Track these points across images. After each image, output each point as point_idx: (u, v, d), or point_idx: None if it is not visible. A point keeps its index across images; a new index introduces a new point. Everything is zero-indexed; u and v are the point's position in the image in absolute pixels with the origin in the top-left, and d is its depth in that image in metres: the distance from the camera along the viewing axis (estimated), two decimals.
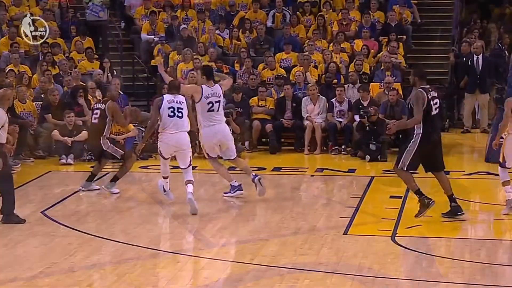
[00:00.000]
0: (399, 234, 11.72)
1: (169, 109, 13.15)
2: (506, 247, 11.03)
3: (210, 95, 13.54)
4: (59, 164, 16.81)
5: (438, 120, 12.42)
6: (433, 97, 12.15)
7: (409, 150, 12.18)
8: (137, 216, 13.14)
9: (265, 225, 12.21)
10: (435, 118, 12.19)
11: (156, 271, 10.29)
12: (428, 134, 12.08)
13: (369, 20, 21.39)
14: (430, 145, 12.22)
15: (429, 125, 12.06)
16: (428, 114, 12.02)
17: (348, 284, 9.62)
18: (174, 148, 13.31)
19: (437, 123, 12.36)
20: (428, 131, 12.07)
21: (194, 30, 21.59)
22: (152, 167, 16.31)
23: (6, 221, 12.16)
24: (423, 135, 12.07)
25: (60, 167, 16.65)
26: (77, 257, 10.67)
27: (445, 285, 9.57)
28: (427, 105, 11.99)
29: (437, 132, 12.40)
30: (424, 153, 12.21)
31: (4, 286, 9.50)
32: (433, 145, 12.27)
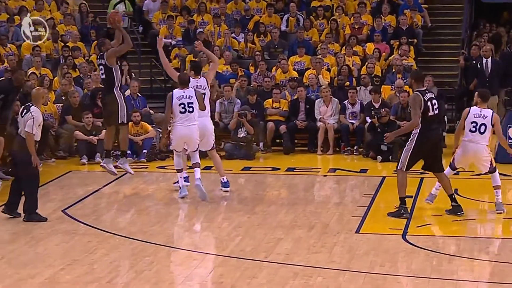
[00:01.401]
0: (410, 232, 11.71)
1: (180, 106, 13.42)
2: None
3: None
4: (80, 164, 16.87)
5: (437, 120, 12.40)
6: (430, 98, 12.22)
7: (407, 149, 12.30)
8: (154, 215, 13.17)
9: (279, 223, 12.21)
10: (432, 119, 12.22)
11: (173, 269, 10.34)
12: (425, 133, 12.14)
13: (380, 24, 21.37)
14: (428, 144, 12.27)
15: (426, 125, 12.12)
16: (425, 114, 12.10)
17: (360, 281, 9.62)
18: (185, 139, 13.55)
19: (435, 123, 12.34)
20: (425, 131, 12.13)
21: (210, 34, 21.63)
22: (170, 167, 16.32)
23: (29, 219, 12.21)
24: (420, 134, 12.16)
25: (80, 167, 16.70)
26: (97, 254, 10.71)
27: (455, 282, 9.57)
28: (424, 106, 12.06)
29: (436, 132, 12.41)
30: (423, 152, 12.28)
31: (27, 282, 9.56)
32: (432, 145, 12.32)
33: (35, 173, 12.28)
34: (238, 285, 9.46)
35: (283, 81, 19.64)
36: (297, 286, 9.36)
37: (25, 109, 12.24)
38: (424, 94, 12.19)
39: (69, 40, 20.83)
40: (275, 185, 15.80)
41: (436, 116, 12.32)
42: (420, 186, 14.49)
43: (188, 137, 13.54)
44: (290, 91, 18.98)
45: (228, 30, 21.57)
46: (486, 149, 12.58)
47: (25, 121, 12.09)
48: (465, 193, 14.01)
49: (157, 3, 22.58)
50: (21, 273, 9.86)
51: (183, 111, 13.40)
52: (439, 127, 12.49)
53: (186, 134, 13.50)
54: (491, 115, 12.53)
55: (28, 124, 12.03)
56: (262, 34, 21.57)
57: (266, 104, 18.55)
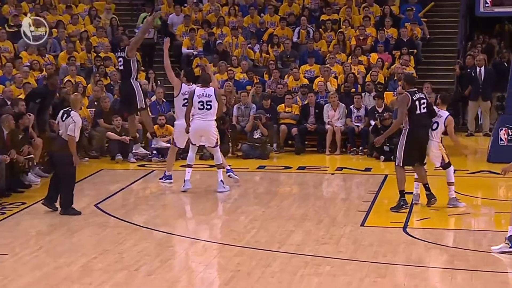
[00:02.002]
0: (410, 226, 11.69)
1: (199, 103, 13.58)
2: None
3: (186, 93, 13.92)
4: (115, 161, 16.86)
5: (425, 119, 12.36)
6: (419, 98, 12.27)
7: (400, 145, 12.36)
8: (177, 209, 13.20)
9: (291, 217, 12.20)
10: (420, 118, 12.25)
11: (194, 258, 10.35)
12: (413, 130, 12.21)
13: (383, 36, 21.31)
14: (418, 140, 12.31)
15: (415, 123, 12.19)
16: (413, 112, 12.17)
17: (365, 270, 9.60)
18: (202, 132, 13.69)
19: (423, 121, 12.34)
20: (414, 128, 12.20)
21: (229, 45, 21.63)
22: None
23: (65, 213, 12.25)
24: (409, 130, 12.24)
25: (112, 166, 16.70)
26: (126, 245, 10.73)
27: (451, 271, 9.53)
28: (412, 105, 12.13)
29: (424, 129, 12.39)
30: (415, 148, 12.33)
31: (63, 270, 9.59)
32: (420, 141, 12.36)
33: (72, 172, 12.34)
34: (254, 272, 9.45)
35: (295, 88, 19.61)
36: (307, 274, 9.35)
37: (65, 114, 12.27)
38: (413, 94, 12.26)
39: (101, 51, 20.87)
40: (287, 182, 15.81)
41: (424, 116, 12.32)
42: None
43: (204, 130, 13.69)
44: (301, 96, 18.96)
45: (245, 42, 21.57)
46: (437, 146, 12.54)
47: (67, 125, 12.13)
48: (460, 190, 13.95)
49: (181, 17, 22.61)
50: (58, 262, 9.90)
51: (202, 108, 13.56)
52: (428, 125, 12.43)
53: (203, 126, 13.65)
54: (446, 116, 12.57)
55: (70, 128, 12.08)
56: (275, 45, 21.56)
57: (279, 109, 18.53)
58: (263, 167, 16.63)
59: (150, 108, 17.32)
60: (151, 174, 15.71)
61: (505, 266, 9.94)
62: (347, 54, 21.11)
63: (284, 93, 18.97)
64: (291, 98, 18.65)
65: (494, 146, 16.66)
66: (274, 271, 9.46)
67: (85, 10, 22.63)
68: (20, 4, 22.04)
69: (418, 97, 12.22)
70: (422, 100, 12.24)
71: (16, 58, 19.75)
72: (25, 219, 12.24)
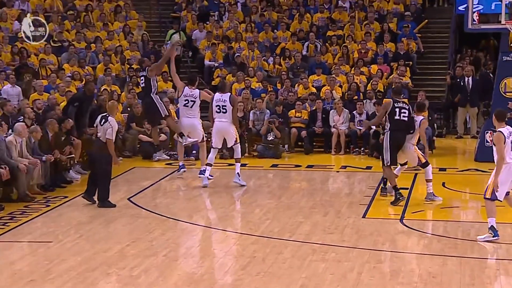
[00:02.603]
0: (406, 217, 11.66)
1: (216, 107, 13.91)
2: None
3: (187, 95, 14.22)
4: (152, 160, 16.86)
5: (402, 125, 12.42)
6: (400, 107, 12.49)
7: (385, 147, 12.48)
8: (200, 203, 13.22)
9: (300, 210, 12.20)
10: (398, 122, 12.40)
11: (215, 245, 10.37)
12: (393, 132, 12.40)
13: (382, 49, 21.25)
14: (395, 143, 12.43)
15: (394, 126, 12.41)
16: (392, 116, 12.41)
17: (366, 257, 9.59)
18: (221, 132, 13.94)
19: (400, 126, 12.42)
20: (393, 131, 12.40)
21: (246, 58, 21.63)
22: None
23: (102, 205, 12.30)
24: (390, 132, 12.44)
25: (143, 164, 16.73)
26: (155, 234, 10.76)
27: (442, 258, 9.51)
28: (392, 110, 12.40)
29: (402, 134, 12.45)
30: (395, 150, 12.42)
31: (100, 255, 9.63)
32: (397, 143, 12.44)
33: (108, 170, 12.39)
34: (268, 258, 9.47)
35: (304, 95, 19.58)
36: (315, 260, 9.36)
37: (103, 119, 12.31)
38: (396, 102, 12.54)
39: (133, 63, 20.91)
40: (297, 179, 15.80)
41: (402, 122, 12.40)
42: (414, 180, 14.40)
43: (223, 130, 13.92)
44: (310, 103, 18.93)
45: (260, 55, 21.56)
46: (412, 148, 12.55)
47: (105, 129, 12.17)
48: (451, 186, 13.95)
49: (203, 33, 22.63)
50: (95, 248, 9.95)
51: (218, 111, 13.89)
52: (406, 132, 12.44)
53: (221, 127, 13.92)
54: (420, 120, 12.60)
55: (108, 132, 12.13)
56: (287, 58, 21.54)
57: (290, 114, 18.52)
58: (276, 166, 16.64)
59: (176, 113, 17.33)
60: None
61: (489, 253, 9.92)
62: (350, 66, 21.07)
63: (295, 100, 18.95)
64: (301, 104, 18.64)
65: (480, 147, 16.60)
66: (285, 257, 9.47)
67: (120, 27, 22.69)
68: (63, 22, 22.12)
69: (399, 106, 12.46)
70: (403, 109, 12.43)
71: (59, 69, 19.83)
72: (67, 210, 12.31)
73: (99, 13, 22.96)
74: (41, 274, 8.92)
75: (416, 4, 23.25)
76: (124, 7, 23.44)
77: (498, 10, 16.34)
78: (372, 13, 22.61)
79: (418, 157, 12.63)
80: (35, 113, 15.30)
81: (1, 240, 10.48)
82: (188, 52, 22.76)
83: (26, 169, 12.83)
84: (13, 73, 18.99)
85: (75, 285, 8.56)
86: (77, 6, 23.16)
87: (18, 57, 20.18)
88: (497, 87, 16.71)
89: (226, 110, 13.80)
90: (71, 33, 21.91)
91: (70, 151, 14.59)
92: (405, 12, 22.76)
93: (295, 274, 8.83)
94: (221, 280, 8.80)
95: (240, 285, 8.49)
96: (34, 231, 11.04)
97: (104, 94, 18.11)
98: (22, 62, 20.03)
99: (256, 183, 14.71)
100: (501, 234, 10.32)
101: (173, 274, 8.94)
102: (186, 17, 23.41)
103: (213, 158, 14.17)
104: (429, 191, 12.64)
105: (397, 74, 20.19)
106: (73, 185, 14.23)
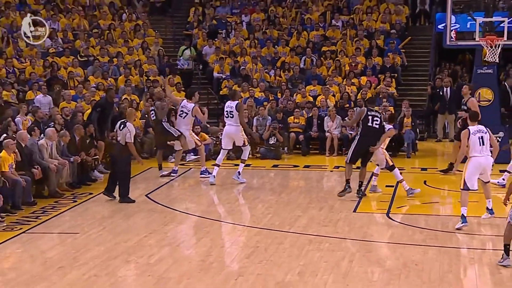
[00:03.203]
0: (392, 212, 11.66)
1: (225, 112, 14.18)
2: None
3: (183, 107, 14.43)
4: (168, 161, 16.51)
5: (373, 131, 12.38)
6: (373, 115, 12.46)
7: (351, 147, 12.59)
8: (210, 198, 13.22)
9: (298, 205, 12.20)
10: (370, 129, 12.36)
11: (223, 236, 10.39)
12: (363, 137, 12.40)
13: (371, 63, 21.23)
14: (364, 146, 12.41)
15: (365, 132, 12.39)
16: (364, 123, 12.39)
17: (356, 246, 9.60)
18: (230, 135, 14.10)
19: (371, 132, 12.38)
20: (364, 136, 12.41)
21: (250, 70, 21.62)
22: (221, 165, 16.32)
23: (123, 201, 12.31)
24: (360, 137, 12.46)
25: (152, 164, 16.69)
26: (169, 226, 10.78)
27: (424, 247, 9.50)
28: (365, 118, 12.37)
29: (371, 139, 12.39)
30: (360, 151, 12.45)
31: (121, 245, 9.64)
32: (366, 147, 12.42)
33: (128, 170, 12.40)
34: (270, 248, 9.47)
35: (302, 104, 19.57)
36: (311, 250, 9.36)
37: (122, 124, 12.33)
38: (370, 110, 12.51)
39: (150, 75, 20.92)
40: (295, 177, 15.79)
41: (373, 129, 12.37)
42: None
43: (231, 133, 14.09)
44: (307, 110, 18.91)
45: (262, 68, 21.55)
46: (381, 151, 12.55)
47: (124, 134, 12.20)
48: (431, 184, 13.94)
49: (213, 49, 22.62)
50: (117, 239, 9.96)
51: (227, 116, 14.15)
52: (375, 138, 12.39)
53: (229, 130, 14.11)
54: (388, 128, 12.59)
55: (127, 136, 12.16)
56: (286, 70, 21.52)
57: (289, 120, 18.51)
58: (277, 166, 16.63)
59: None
60: (189, 171, 15.74)
61: (465, 243, 9.91)
62: (342, 77, 21.05)
63: (293, 108, 18.95)
64: (299, 111, 18.63)
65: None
66: (285, 247, 9.47)
67: (139, 43, 22.70)
68: (89, 39, 22.15)
69: (372, 114, 12.43)
70: (375, 117, 12.41)
71: (85, 81, 19.82)
72: (92, 206, 12.32)
73: (121, 31, 22.97)
74: (69, 262, 8.93)
75: (400, 23, 23.23)
76: (142, 26, 23.44)
77: (473, 29, 16.38)
78: (362, 31, 22.59)
79: (386, 159, 12.63)
80: (64, 119, 15.32)
81: (34, 232, 10.50)
82: (199, 65, 22.77)
83: (56, 169, 12.86)
84: (44, 84, 19.02)
85: (99, 272, 8.57)
86: (101, 25, 23.17)
87: (49, 70, 20.20)
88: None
89: (233, 116, 13.95)
90: (96, 49, 21.92)
91: (95, 153, 14.61)
92: (391, 30, 22.73)
93: (293, 262, 8.83)
94: (228, 267, 8.80)
95: (245, 271, 8.49)
96: (63, 223, 11.06)
97: (125, 102, 18.11)
98: (53, 74, 20.04)
99: (259, 181, 14.71)
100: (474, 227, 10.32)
101: (185, 262, 8.95)
102: (197, 34, 23.41)
103: (222, 159, 14.21)
104: (406, 188, 12.61)
105: (384, 84, 20.16)
106: (97, 183, 14.23)
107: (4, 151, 11.79)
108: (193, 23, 24.09)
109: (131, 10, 24.29)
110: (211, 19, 24.09)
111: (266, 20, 23.83)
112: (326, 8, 23.90)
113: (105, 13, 23.65)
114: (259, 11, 24.28)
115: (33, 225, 10.85)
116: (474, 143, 10.25)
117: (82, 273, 8.49)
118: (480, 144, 10.25)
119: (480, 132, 10.32)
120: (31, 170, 12.39)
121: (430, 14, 23.86)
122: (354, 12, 23.63)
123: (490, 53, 15.76)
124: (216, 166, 14.07)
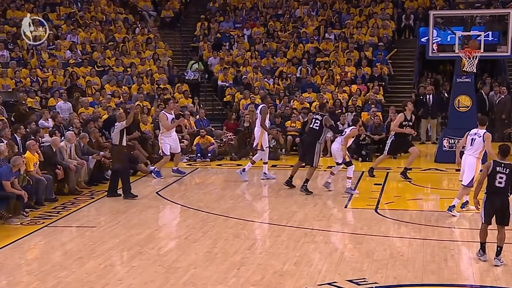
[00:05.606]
0: (380, 207, 11.65)
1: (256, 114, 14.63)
2: (447, 216, 10.90)
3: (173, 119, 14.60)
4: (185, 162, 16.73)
5: (313, 131, 12.78)
6: (314, 117, 12.94)
7: (317, 152, 12.81)
8: (215, 195, 13.20)
9: (295, 201, 12.20)
10: (310, 130, 12.87)
11: (227, 230, 10.31)
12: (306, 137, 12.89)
13: (361, 72, 21.23)
14: (304, 144, 12.93)
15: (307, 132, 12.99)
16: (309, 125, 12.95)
17: (347, 239, 9.60)
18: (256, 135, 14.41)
19: (312, 132, 12.81)
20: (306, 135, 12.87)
21: (251, 79, 21.63)
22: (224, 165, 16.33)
23: (126, 197, 12.28)
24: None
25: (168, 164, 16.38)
26: (178, 220, 10.79)
27: (408, 240, 9.51)
28: (310, 121, 12.90)
29: (309, 138, 12.89)
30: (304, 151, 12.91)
31: (134, 238, 9.63)
32: (306, 144, 12.92)
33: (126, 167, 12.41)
34: (269, 240, 9.48)
35: (298, 109, 19.57)
36: (306, 242, 9.36)
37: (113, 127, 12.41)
38: (316, 114, 13.04)
39: (161, 83, 20.94)
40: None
41: (312, 129, 12.76)
42: (386, 177, 14.38)
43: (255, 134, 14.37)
44: (303, 115, 18.91)
45: (262, 77, 21.56)
46: (339, 146, 12.67)
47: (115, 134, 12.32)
48: (416, 182, 13.92)
49: (217, 59, 22.62)
50: (130, 232, 9.96)
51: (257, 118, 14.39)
52: (315, 136, 12.71)
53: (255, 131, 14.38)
54: (351, 129, 12.78)
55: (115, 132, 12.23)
56: (284, 79, 21.53)
57: (287, 124, 18.48)
58: (275, 166, 16.61)
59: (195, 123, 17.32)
60: (196, 170, 15.73)
61: (446, 236, 9.90)
62: (335, 86, 21.03)
63: (291, 113, 18.94)
64: (296, 116, 18.62)
65: (439, 151, 16.60)
66: (283, 240, 9.47)
67: (150, 55, 22.71)
68: (105, 51, 22.15)
69: (314, 117, 12.90)
70: (313, 119, 12.84)
71: (101, 89, 19.85)
72: (107, 202, 12.31)
73: (134, 44, 22.98)
74: (87, 253, 8.94)
75: (387, 36, 23.25)
76: (153, 39, 23.46)
77: (453, 42, 16.41)
78: (352, 44, 22.61)
79: (344, 157, 12.62)
80: (81, 123, 15.33)
81: (55, 225, 10.51)
82: (205, 75, 22.78)
83: (75, 168, 12.86)
84: (65, 92, 19.04)
85: (114, 262, 8.58)
86: (116, 38, 23.19)
87: (69, 79, 20.22)
88: (452, 103, 16.72)
89: (257, 118, 14.26)
90: (111, 60, 21.94)
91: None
92: (379, 42, 22.74)
93: (290, 253, 8.83)
94: (231, 257, 8.80)
95: (247, 262, 8.50)
96: (82, 218, 11.06)
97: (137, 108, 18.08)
98: (72, 83, 20.06)
99: (259, 180, 14.69)
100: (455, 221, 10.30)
101: (192, 253, 8.95)
102: (203, 46, 23.42)
103: (258, 158, 14.31)
104: (347, 186, 12.58)
105: (372, 92, 20.16)
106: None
107: (28, 152, 11.81)
108: (200, 36, 24.10)
109: (143, 24, 24.30)
110: (215, 33, 24.11)
111: (265, 33, 23.84)
112: (320, 23, 23.91)
113: (120, 27, 23.66)
114: (259, 25, 24.31)
115: (54, 220, 10.86)
116: (468, 142, 10.78)
117: (98, 263, 8.50)
118: (470, 144, 10.71)
119: (475, 135, 10.72)
120: (54, 170, 12.39)
121: (414, 28, 23.86)
122: (346, 26, 23.65)
123: (468, 63, 15.78)
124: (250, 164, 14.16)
